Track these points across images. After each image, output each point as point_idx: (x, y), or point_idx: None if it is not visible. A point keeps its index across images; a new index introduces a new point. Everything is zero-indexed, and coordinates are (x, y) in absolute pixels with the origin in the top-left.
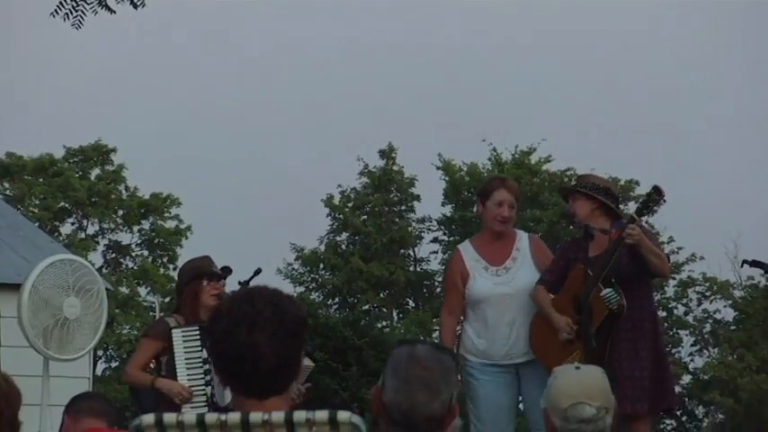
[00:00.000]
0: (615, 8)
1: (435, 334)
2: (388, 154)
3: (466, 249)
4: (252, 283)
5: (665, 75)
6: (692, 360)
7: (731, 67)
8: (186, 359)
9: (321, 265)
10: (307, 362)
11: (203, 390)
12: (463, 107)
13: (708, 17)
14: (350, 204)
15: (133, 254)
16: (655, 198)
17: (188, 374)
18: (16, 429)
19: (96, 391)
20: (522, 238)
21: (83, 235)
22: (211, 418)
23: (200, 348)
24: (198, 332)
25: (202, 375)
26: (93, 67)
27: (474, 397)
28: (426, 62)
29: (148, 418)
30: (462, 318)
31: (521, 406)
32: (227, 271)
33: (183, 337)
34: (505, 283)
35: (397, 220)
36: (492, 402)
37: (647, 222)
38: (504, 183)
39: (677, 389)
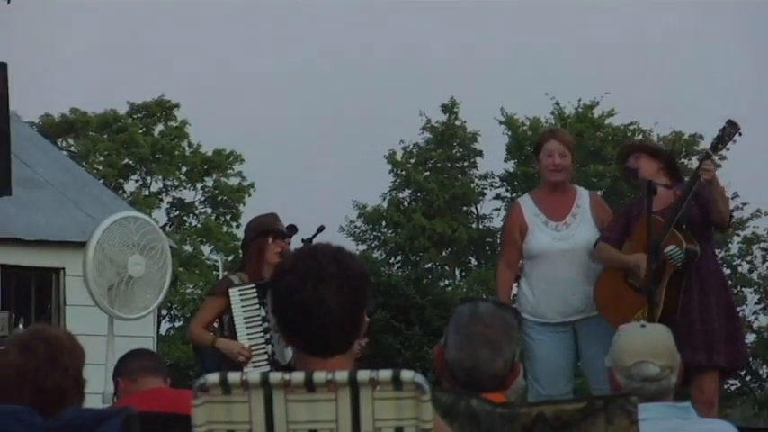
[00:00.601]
0: None
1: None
2: (450, 109)
3: (525, 203)
4: (315, 241)
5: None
6: (756, 318)
7: None
8: (245, 317)
9: (383, 223)
10: None
11: (264, 348)
12: (525, 60)
13: None
14: (412, 160)
15: (196, 211)
16: (730, 132)
17: (248, 333)
18: (82, 386)
19: (142, 348)
20: (583, 194)
21: (147, 192)
22: (275, 377)
23: (258, 306)
24: (255, 290)
25: (262, 333)
26: (154, 22)
27: (530, 357)
28: (488, 15)
29: (213, 378)
30: (519, 273)
31: (580, 364)
32: (292, 229)
33: (241, 295)
34: (565, 239)
35: (459, 176)
36: (548, 362)
37: None
38: (554, 133)
39: None
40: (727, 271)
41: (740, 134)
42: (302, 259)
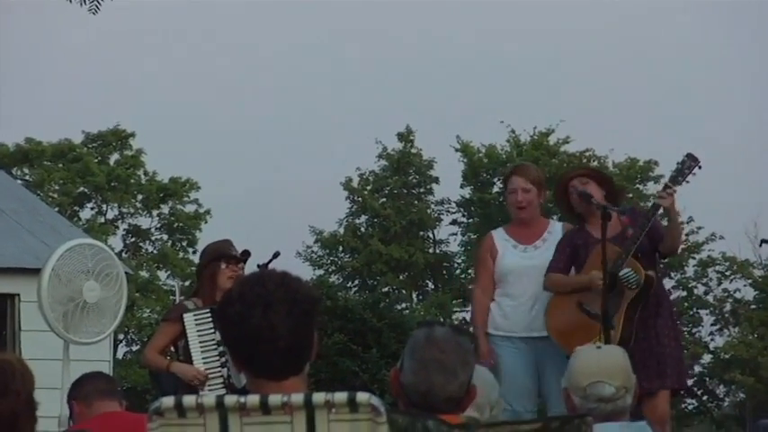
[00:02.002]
0: None
1: (455, 315)
2: (406, 137)
3: (497, 233)
4: (271, 266)
5: (683, 53)
6: (712, 339)
7: (748, 43)
8: (200, 342)
9: (340, 248)
10: None
11: (219, 372)
12: (481, 89)
13: None
14: (369, 187)
15: (153, 238)
16: (690, 164)
17: (203, 357)
18: (34, 409)
19: (96, 371)
20: (556, 225)
21: (102, 220)
22: (231, 400)
23: (213, 330)
24: (209, 314)
25: (217, 357)
26: (110, 52)
27: (501, 373)
28: (443, 45)
29: (168, 401)
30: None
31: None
32: (245, 254)
33: (196, 320)
34: (533, 258)
35: (415, 202)
36: (513, 377)
37: None
38: (516, 169)
39: (698, 368)
40: (683, 293)
41: (699, 167)
42: (249, 286)
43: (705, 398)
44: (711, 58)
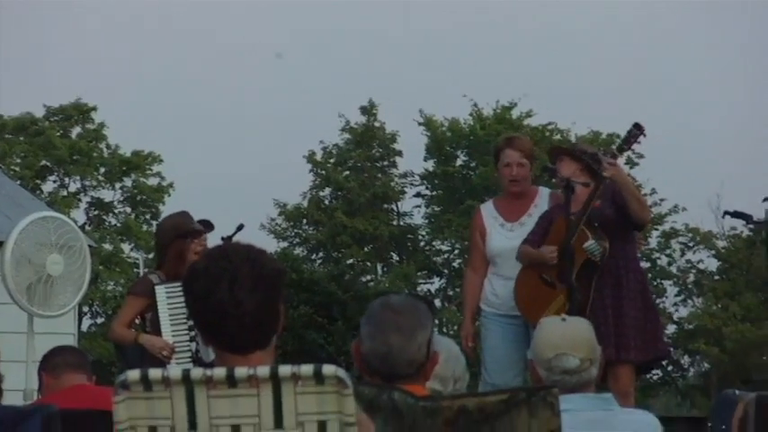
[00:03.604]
0: None
1: (420, 287)
2: (369, 110)
3: (485, 208)
4: (235, 239)
5: (647, 24)
6: (676, 310)
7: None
8: (170, 315)
9: (305, 221)
10: None
11: (188, 345)
12: (444, 62)
13: None
14: (332, 160)
15: (116, 211)
16: (635, 133)
17: (172, 330)
18: None
19: (67, 345)
20: (543, 194)
21: (65, 193)
22: (197, 373)
23: (184, 304)
24: (181, 288)
25: (187, 331)
26: (73, 24)
27: (484, 346)
28: (407, 16)
29: (134, 374)
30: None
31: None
32: (207, 225)
33: (167, 292)
34: (518, 237)
35: (379, 175)
36: (499, 353)
37: (629, 173)
38: (510, 142)
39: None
40: (646, 264)
41: (644, 135)
42: (214, 261)
43: (670, 368)
44: (674, 28)
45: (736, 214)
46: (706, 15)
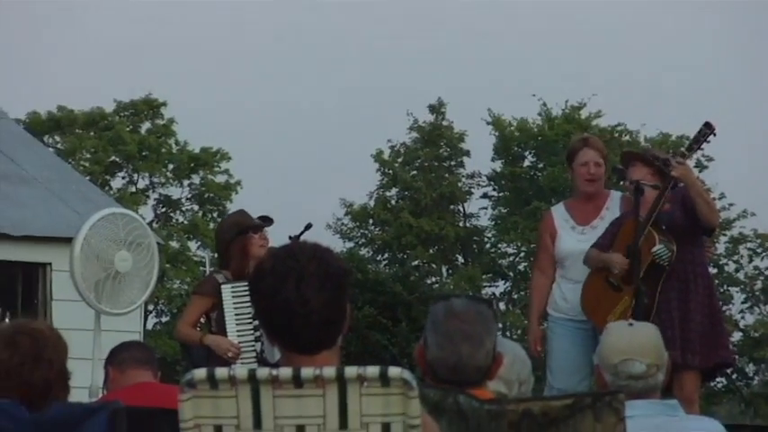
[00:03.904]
0: None
1: (485, 290)
2: (437, 109)
3: (557, 210)
4: (302, 238)
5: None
6: (742, 317)
7: None
8: (236, 315)
9: (371, 221)
10: None
11: (253, 346)
12: (513, 62)
13: None
14: (399, 159)
15: (183, 208)
16: (705, 132)
17: (237, 330)
18: (66, 379)
19: (134, 340)
20: (615, 197)
21: (133, 189)
22: (263, 373)
23: (249, 304)
24: (247, 287)
25: (252, 331)
26: (144, 19)
27: (550, 350)
28: (475, 17)
29: (200, 373)
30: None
31: None
32: (267, 220)
33: (233, 292)
34: (589, 240)
35: (446, 175)
36: (566, 357)
37: (697, 177)
38: (587, 141)
39: None
40: (713, 270)
41: (714, 134)
42: (281, 259)
43: (734, 376)
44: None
45: None
46: None
